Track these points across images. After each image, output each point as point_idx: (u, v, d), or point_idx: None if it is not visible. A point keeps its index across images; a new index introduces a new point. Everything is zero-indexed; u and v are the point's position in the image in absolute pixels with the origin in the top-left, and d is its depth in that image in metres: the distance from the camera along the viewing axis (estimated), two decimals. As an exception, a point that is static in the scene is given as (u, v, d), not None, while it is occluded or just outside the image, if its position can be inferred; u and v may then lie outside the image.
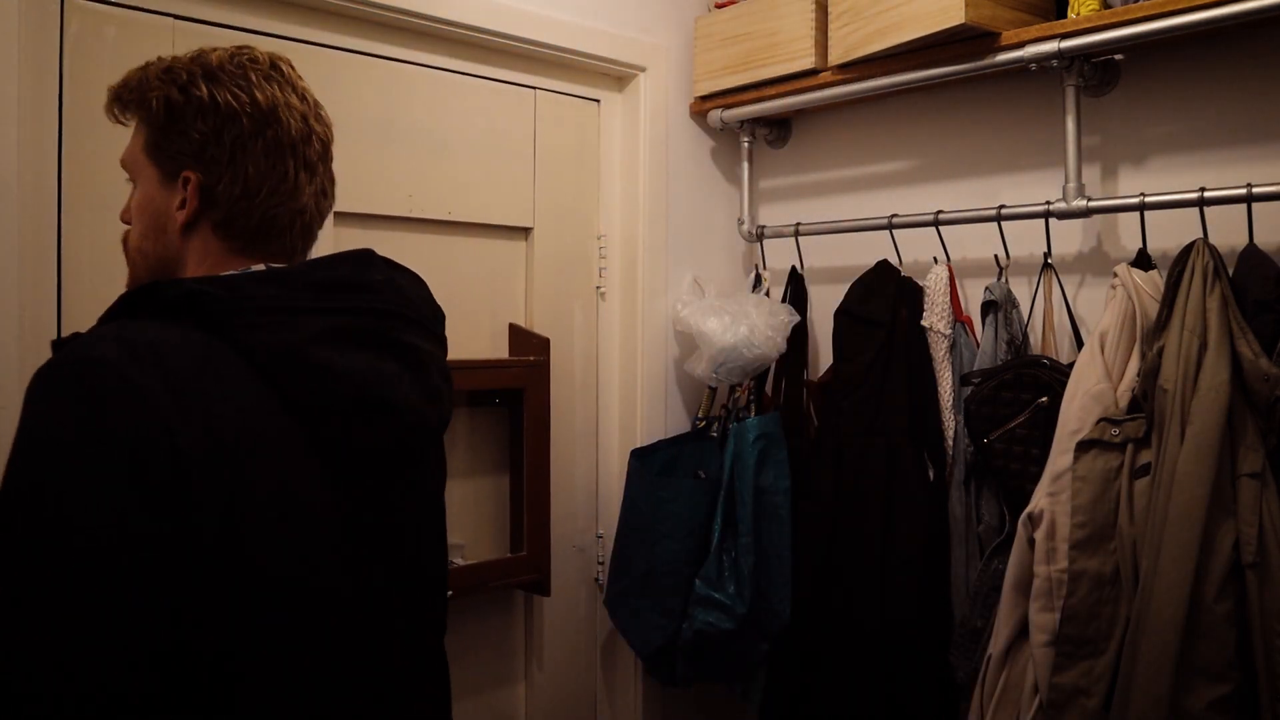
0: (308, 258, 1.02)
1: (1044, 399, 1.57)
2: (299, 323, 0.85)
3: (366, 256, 0.98)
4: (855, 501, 1.83)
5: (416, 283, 1.03)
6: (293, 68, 0.99)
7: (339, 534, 0.87)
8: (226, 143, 0.91)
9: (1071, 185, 1.64)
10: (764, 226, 2.21)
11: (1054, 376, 1.57)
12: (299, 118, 0.96)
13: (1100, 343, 1.49)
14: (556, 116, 2.08)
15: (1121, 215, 1.71)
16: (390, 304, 0.94)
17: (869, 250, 1.96)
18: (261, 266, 0.93)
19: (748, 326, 1.94)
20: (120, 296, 0.85)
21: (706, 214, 2.28)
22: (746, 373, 2.01)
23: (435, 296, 1.06)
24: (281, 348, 0.83)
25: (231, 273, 0.90)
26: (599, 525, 2.16)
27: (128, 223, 0.98)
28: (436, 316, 1.03)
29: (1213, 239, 1.42)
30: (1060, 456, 1.47)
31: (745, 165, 2.25)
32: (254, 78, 0.93)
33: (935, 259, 1.86)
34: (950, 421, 1.78)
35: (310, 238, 1.02)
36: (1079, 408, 1.47)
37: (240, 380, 0.81)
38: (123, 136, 1.50)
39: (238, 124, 0.92)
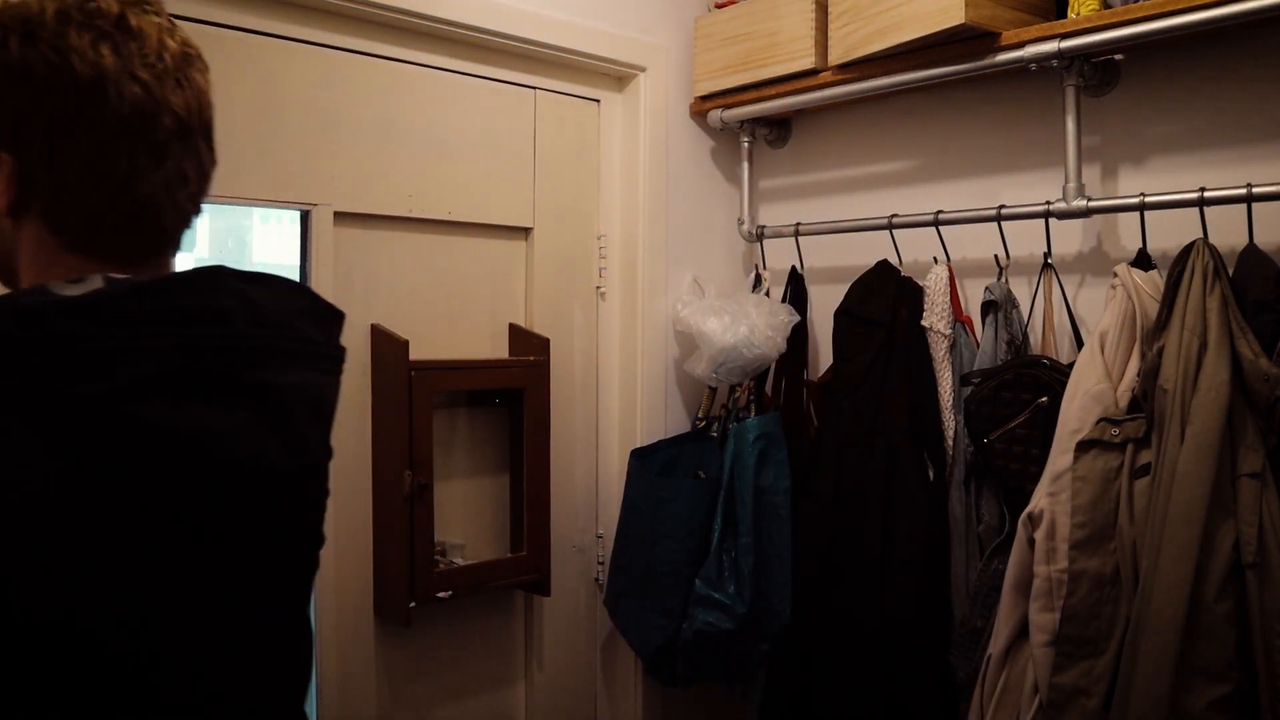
0: (166, 261, 0.85)
1: (1044, 399, 1.57)
2: (115, 369, 0.68)
3: (212, 276, 0.78)
4: (855, 501, 1.83)
5: (284, 297, 0.84)
6: (159, 15, 0.81)
7: (156, 597, 0.72)
8: (40, 120, 0.75)
9: (1071, 185, 1.64)
10: (764, 226, 2.21)
11: (1054, 376, 1.57)
12: (140, 87, 0.76)
13: (1100, 343, 1.49)
14: (556, 116, 2.08)
15: (1121, 215, 1.71)
16: (241, 335, 0.76)
17: (869, 250, 1.96)
18: (97, 277, 0.74)
19: (748, 326, 1.94)
20: None
21: (706, 214, 2.28)
22: (746, 373, 2.01)
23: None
24: (89, 400, 0.67)
25: (42, 293, 0.72)
26: (599, 525, 2.16)
27: None
28: (317, 336, 0.87)
29: (1213, 239, 1.42)
30: (1060, 456, 1.47)
31: (745, 165, 2.25)
32: (82, 36, 0.74)
33: (935, 259, 1.86)
34: (950, 421, 1.78)
35: (162, 235, 0.83)
36: (1079, 408, 1.47)
37: (30, 438, 0.66)
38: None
39: (54, 97, 0.74)
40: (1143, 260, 1.56)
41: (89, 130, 0.75)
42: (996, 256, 1.79)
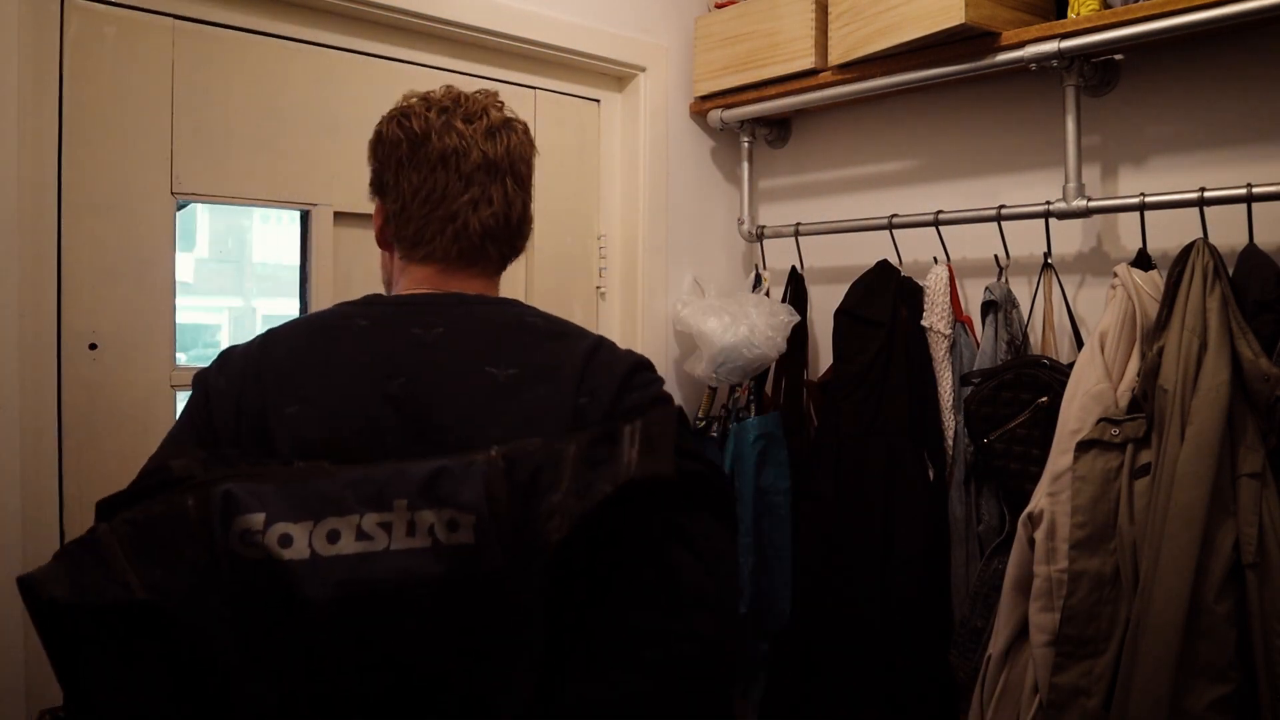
0: (485, 280, 1.07)
1: (1044, 399, 1.57)
2: None
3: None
4: (855, 501, 1.83)
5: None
6: (499, 105, 1.09)
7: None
8: (392, 165, 1.04)
9: (1071, 185, 1.64)
10: (764, 226, 2.21)
11: (1054, 376, 1.57)
12: (455, 136, 1.03)
13: (1100, 343, 1.48)
14: (556, 116, 2.08)
15: (1121, 215, 1.71)
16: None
17: (869, 250, 1.96)
18: (421, 280, 1.04)
19: (748, 326, 1.95)
20: None
21: (706, 214, 2.28)
22: (746, 373, 2.01)
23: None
24: None
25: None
26: (599, 525, 2.16)
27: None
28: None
29: (1213, 239, 1.42)
30: (1060, 456, 1.47)
31: (745, 165, 2.25)
32: (429, 109, 1.05)
33: (935, 259, 1.86)
34: (950, 421, 1.78)
35: (471, 245, 1.04)
36: (1079, 408, 1.47)
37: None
38: (120, 139, 1.51)
39: (398, 148, 1.04)
40: (1143, 260, 1.56)
41: (417, 164, 1.02)
42: (996, 256, 1.79)
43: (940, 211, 1.83)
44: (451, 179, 1.02)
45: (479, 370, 0.93)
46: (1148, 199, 1.55)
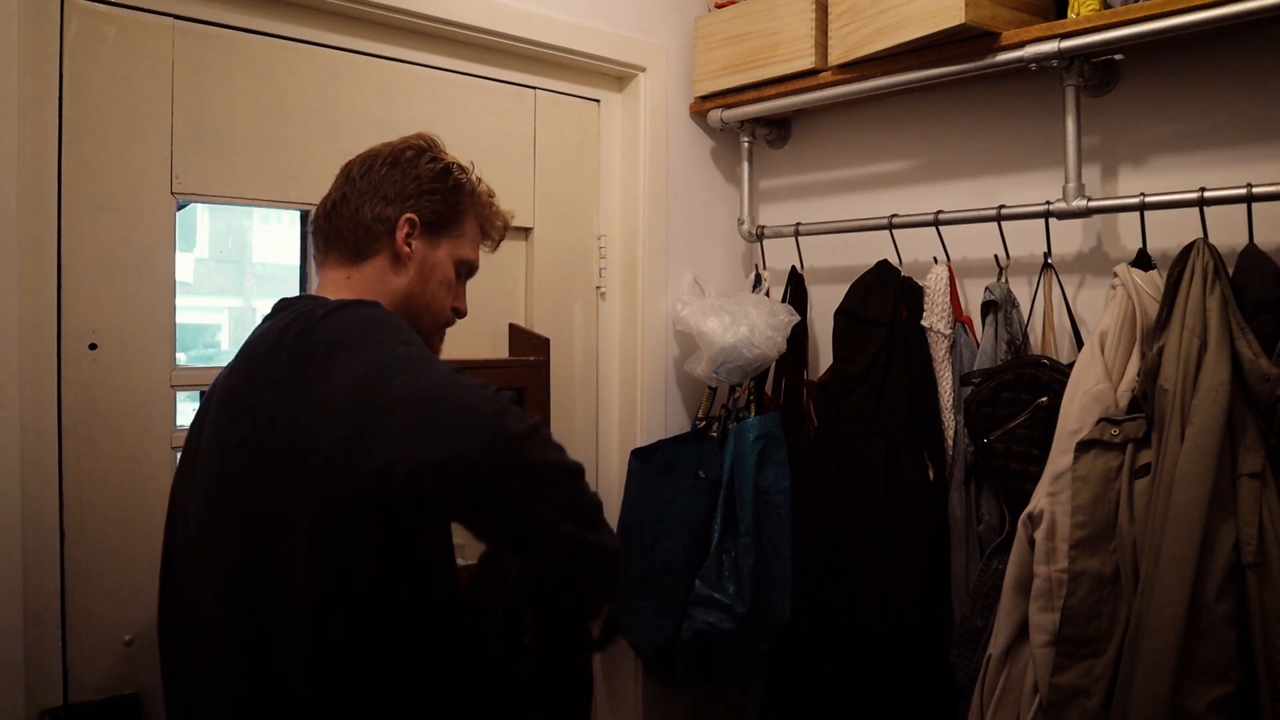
0: (319, 266, 1.24)
1: (1044, 399, 1.57)
2: None
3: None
4: (855, 501, 1.83)
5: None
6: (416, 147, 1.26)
7: None
8: None
9: (1071, 185, 1.64)
10: (764, 226, 2.21)
11: (1054, 376, 1.57)
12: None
13: (1100, 343, 1.48)
14: (556, 116, 2.08)
15: (1121, 215, 1.71)
16: None
17: (869, 250, 1.96)
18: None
19: (748, 326, 1.94)
20: None
21: (706, 214, 2.28)
22: (746, 373, 2.01)
23: None
24: None
25: None
26: (599, 525, 2.16)
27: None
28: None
29: (1213, 239, 1.42)
30: (1060, 456, 1.47)
31: (745, 165, 2.25)
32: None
33: (935, 259, 1.86)
34: (950, 421, 1.78)
35: (314, 244, 1.24)
36: (1079, 408, 1.47)
37: None
38: (120, 139, 1.51)
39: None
40: (1143, 260, 1.56)
41: None
42: (996, 256, 1.79)
43: (940, 211, 1.83)
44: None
45: None
46: (1148, 199, 1.55)
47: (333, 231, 1.19)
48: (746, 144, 2.24)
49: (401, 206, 1.18)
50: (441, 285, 1.23)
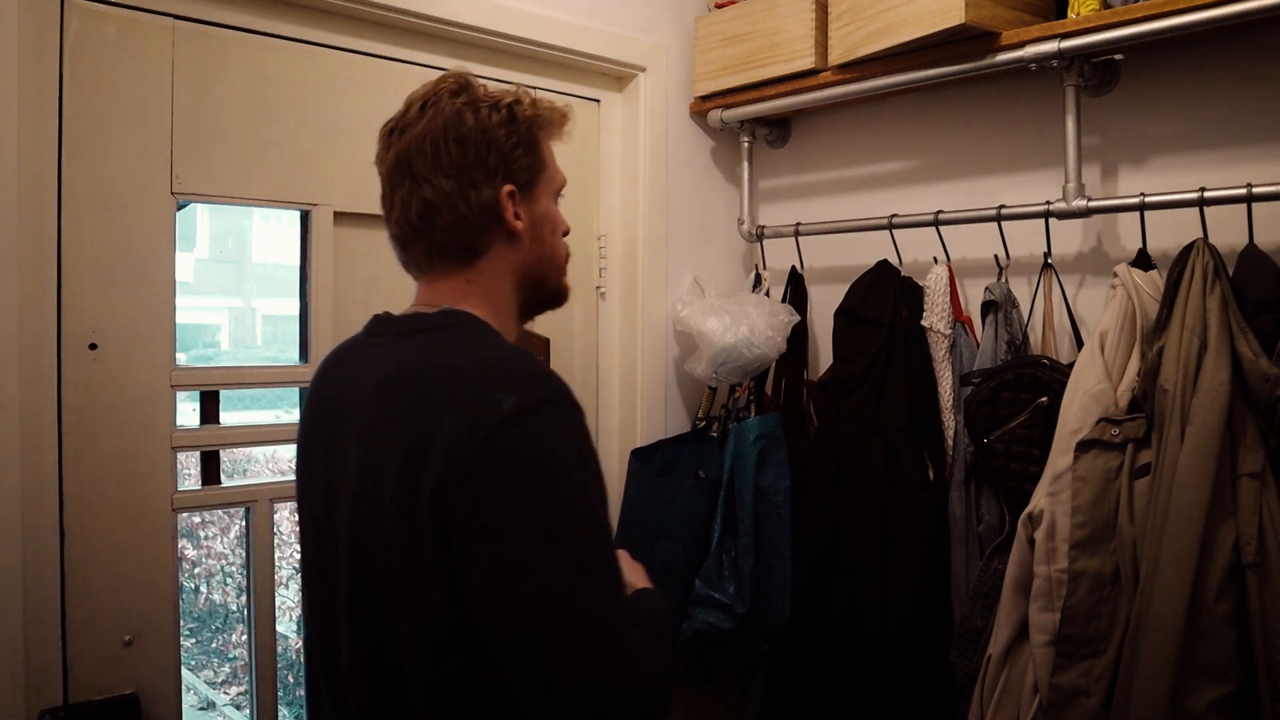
0: (413, 270, 1.12)
1: (1044, 399, 1.57)
2: None
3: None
4: (855, 501, 1.83)
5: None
6: (419, 94, 1.09)
7: None
8: None
9: (1071, 185, 1.64)
10: (764, 226, 2.21)
11: (1054, 376, 1.57)
12: (378, 155, 1.10)
13: (1100, 343, 1.48)
14: (556, 116, 2.08)
15: (1121, 215, 1.71)
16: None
17: (869, 250, 1.96)
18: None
19: (748, 326, 1.94)
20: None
21: (706, 214, 2.28)
22: (746, 373, 2.01)
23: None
24: None
25: None
26: (599, 525, 2.16)
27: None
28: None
29: (1213, 239, 1.42)
30: (1060, 456, 1.47)
31: (745, 165, 2.25)
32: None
33: (935, 259, 1.86)
34: (950, 421, 1.78)
35: (401, 255, 1.11)
36: (1079, 408, 1.47)
37: None
38: (120, 139, 1.51)
39: None
40: (1143, 260, 1.56)
41: None
42: (996, 256, 1.79)
43: (940, 211, 1.83)
44: (382, 198, 1.08)
45: None
46: (1148, 199, 1.55)
47: (433, 240, 1.05)
48: (746, 144, 2.24)
49: (495, 184, 1.04)
50: (553, 233, 1.12)
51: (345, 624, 0.98)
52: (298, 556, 1.78)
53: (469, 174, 1.03)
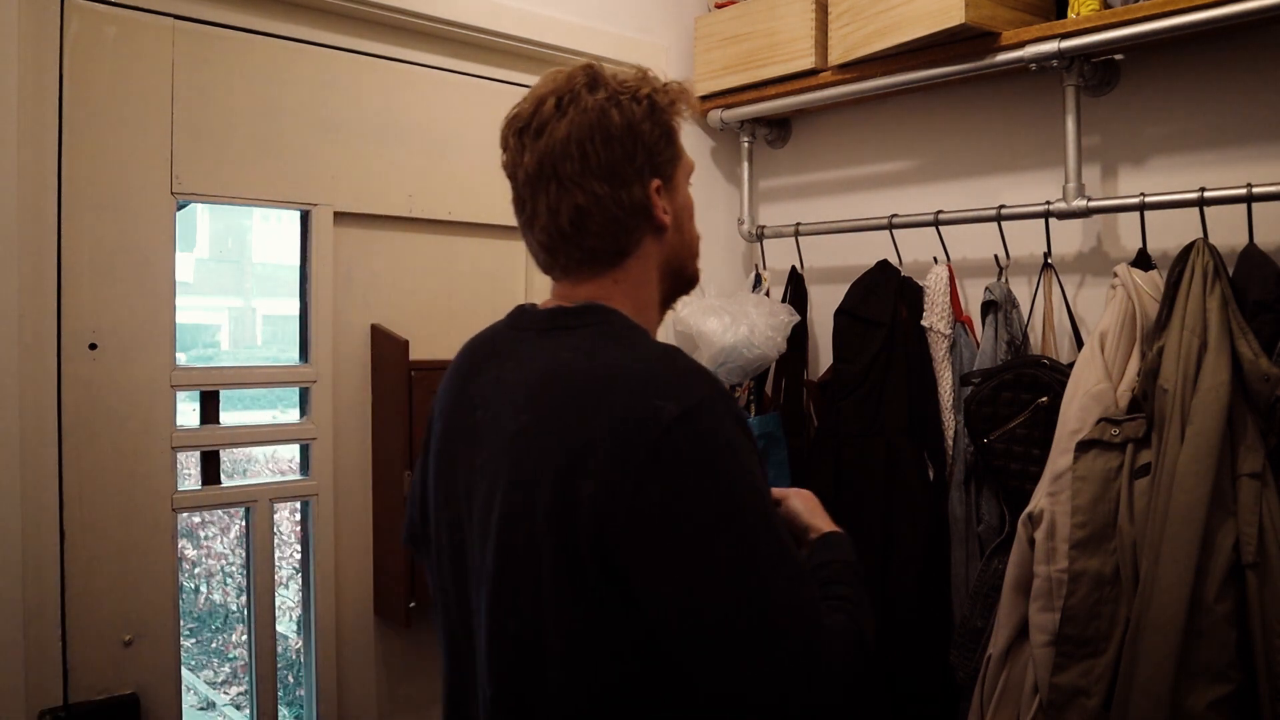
0: (556, 273, 1.09)
1: (1044, 399, 1.57)
2: None
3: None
4: (855, 501, 1.83)
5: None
6: (548, 87, 1.00)
7: None
8: None
9: (1071, 185, 1.64)
10: (764, 226, 2.21)
11: (1054, 376, 1.57)
12: (508, 155, 1.03)
13: (1100, 343, 1.48)
14: (556, 116, 2.08)
15: (1121, 215, 1.71)
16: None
17: (869, 250, 1.96)
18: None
19: (748, 326, 1.94)
20: None
21: (706, 214, 2.26)
22: (746, 373, 2.01)
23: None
24: None
25: None
26: (599, 525, 2.16)
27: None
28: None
29: (1213, 239, 1.42)
30: (1060, 456, 1.47)
31: (745, 165, 2.25)
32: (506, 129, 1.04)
33: (935, 259, 1.86)
34: (950, 421, 1.78)
35: (542, 259, 1.07)
36: (1079, 408, 1.47)
37: None
38: (120, 139, 1.51)
39: None
40: (1143, 260, 1.56)
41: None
42: (996, 256, 1.79)
43: (940, 211, 1.83)
44: (517, 201, 1.02)
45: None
46: (1148, 199, 1.55)
47: (584, 244, 1.01)
48: (746, 144, 2.24)
49: (644, 181, 1.01)
50: (691, 219, 1.09)
51: (483, 622, 0.94)
52: (298, 557, 1.78)
53: (619, 174, 0.99)
